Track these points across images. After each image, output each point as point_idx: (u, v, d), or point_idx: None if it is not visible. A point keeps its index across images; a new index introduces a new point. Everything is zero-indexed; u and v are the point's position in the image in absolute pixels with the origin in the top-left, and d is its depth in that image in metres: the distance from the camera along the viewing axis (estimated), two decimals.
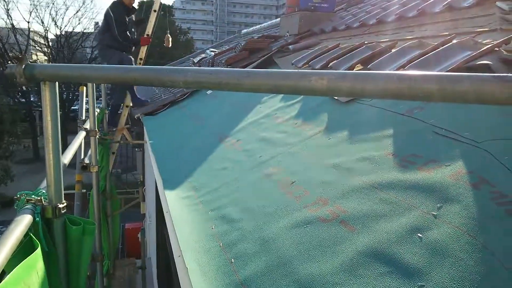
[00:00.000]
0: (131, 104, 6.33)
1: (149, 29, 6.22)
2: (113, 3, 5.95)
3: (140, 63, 7.73)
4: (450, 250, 0.95)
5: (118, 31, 5.83)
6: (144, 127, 4.99)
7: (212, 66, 6.71)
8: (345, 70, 2.96)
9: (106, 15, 5.88)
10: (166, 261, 4.24)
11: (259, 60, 5.09)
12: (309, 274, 1.07)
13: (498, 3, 2.93)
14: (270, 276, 1.14)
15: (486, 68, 1.79)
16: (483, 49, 1.98)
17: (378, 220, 1.16)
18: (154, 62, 18.59)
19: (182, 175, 2.52)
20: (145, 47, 6.32)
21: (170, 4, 46.34)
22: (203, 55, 8.85)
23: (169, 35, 6.73)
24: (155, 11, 6.60)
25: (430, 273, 0.92)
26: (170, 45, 6.79)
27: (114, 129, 6.53)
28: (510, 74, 0.77)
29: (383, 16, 4.00)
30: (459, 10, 3.07)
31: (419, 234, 1.02)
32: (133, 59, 6.30)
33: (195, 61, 8.25)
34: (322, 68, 3.34)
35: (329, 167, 1.64)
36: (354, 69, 2.95)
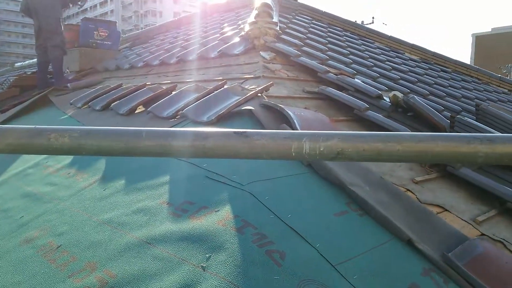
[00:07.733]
0: None
1: None
2: None
3: None
4: None
5: None
6: None
7: None
8: (126, 110, 2.85)
9: None
10: None
11: (33, 99, 4.47)
12: None
13: (261, 53, 3.37)
14: None
15: (250, 113, 1.98)
16: (248, 95, 2.19)
17: (149, 281, 1.07)
18: None
19: None
20: None
21: None
22: None
23: None
24: None
25: None
26: None
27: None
28: (249, 130, 0.81)
29: (165, 58, 4.10)
30: (231, 57, 3.39)
31: None
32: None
33: None
34: (103, 108, 3.14)
35: (101, 223, 1.47)
36: (136, 111, 2.87)
